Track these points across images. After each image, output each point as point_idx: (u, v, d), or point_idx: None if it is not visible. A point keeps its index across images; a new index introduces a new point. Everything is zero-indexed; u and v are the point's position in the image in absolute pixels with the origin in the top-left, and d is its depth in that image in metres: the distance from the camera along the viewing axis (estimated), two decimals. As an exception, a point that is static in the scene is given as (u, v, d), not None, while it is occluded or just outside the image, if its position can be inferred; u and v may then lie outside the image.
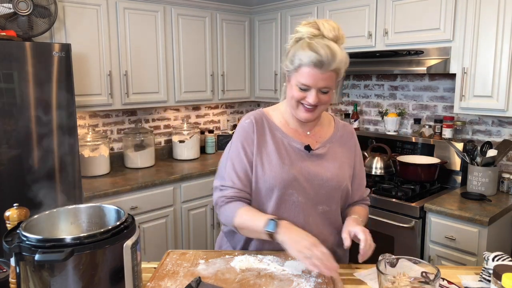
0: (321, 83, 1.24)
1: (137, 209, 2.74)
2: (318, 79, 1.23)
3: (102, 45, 2.80)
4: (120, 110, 3.28)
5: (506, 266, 1.03)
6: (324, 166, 1.36)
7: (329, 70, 1.22)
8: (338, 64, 1.23)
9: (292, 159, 1.34)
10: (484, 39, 2.26)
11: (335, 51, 1.22)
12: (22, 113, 2.21)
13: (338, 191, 1.38)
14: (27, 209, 1.13)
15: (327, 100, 1.29)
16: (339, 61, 1.22)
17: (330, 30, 1.24)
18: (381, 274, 0.98)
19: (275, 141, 1.36)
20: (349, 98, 3.45)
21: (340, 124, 1.49)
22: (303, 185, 1.33)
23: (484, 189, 2.39)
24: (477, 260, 2.11)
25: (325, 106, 1.31)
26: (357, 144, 1.49)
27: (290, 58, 1.27)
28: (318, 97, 1.26)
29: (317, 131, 1.43)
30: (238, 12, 3.59)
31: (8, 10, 2.29)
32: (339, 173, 1.37)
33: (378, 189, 2.54)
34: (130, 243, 0.95)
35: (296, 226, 1.26)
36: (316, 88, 1.25)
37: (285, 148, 1.36)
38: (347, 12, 2.93)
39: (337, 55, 1.22)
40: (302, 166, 1.34)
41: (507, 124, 2.56)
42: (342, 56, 1.24)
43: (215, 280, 1.15)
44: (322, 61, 1.20)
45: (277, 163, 1.33)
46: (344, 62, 1.25)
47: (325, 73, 1.22)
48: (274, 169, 1.32)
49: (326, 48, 1.21)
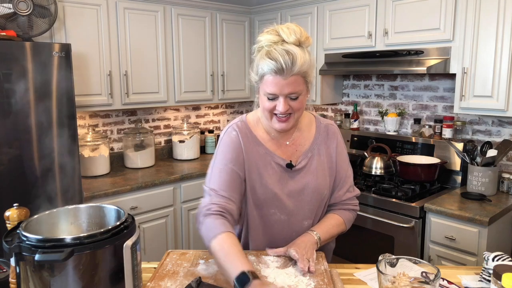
0: (287, 89, 1.21)
1: (137, 209, 2.74)
2: (282, 86, 1.20)
3: (102, 45, 2.80)
4: (120, 110, 3.28)
5: (506, 266, 1.03)
6: (306, 181, 1.35)
7: (292, 75, 1.19)
8: (301, 68, 1.19)
9: (274, 178, 1.33)
10: (484, 39, 2.26)
11: (295, 55, 1.18)
12: (22, 113, 2.21)
13: (322, 202, 1.39)
14: (27, 209, 1.13)
15: (299, 106, 1.26)
16: (300, 64, 1.19)
17: (290, 34, 1.21)
18: (381, 274, 0.98)
19: (259, 158, 1.33)
20: (349, 98, 3.45)
21: (322, 126, 1.44)
22: (285, 203, 1.34)
23: (484, 189, 2.39)
24: (477, 260, 2.11)
25: (299, 112, 1.28)
26: (339, 144, 1.45)
27: (255, 69, 1.26)
28: (288, 104, 1.23)
29: (297, 138, 1.39)
30: (238, 12, 3.59)
31: (8, 10, 2.29)
32: (321, 182, 1.37)
33: (378, 189, 2.54)
34: (130, 243, 0.95)
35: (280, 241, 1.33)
36: (283, 96, 1.22)
37: (270, 165, 1.34)
38: (347, 12, 2.93)
39: (297, 59, 1.18)
40: (284, 184, 1.34)
41: (507, 124, 2.56)
42: (305, 58, 1.20)
43: (215, 280, 1.15)
44: (281, 68, 1.18)
45: (262, 181, 1.32)
46: (308, 64, 1.21)
47: (287, 78, 1.19)
48: (260, 187, 1.32)
49: (285, 54, 1.18)
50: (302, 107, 1.28)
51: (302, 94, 1.24)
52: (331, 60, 3.07)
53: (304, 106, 1.29)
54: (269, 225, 1.36)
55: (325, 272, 1.19)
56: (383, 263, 1.03)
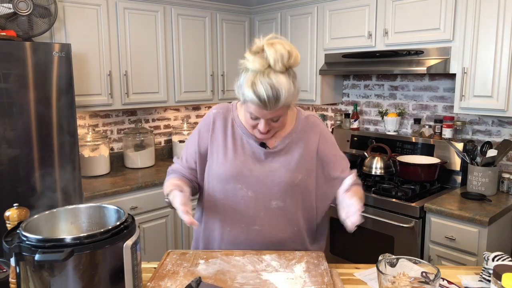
0: (269, 116, 1.25)
1: (137, 209, 2.74)
2: (264, 114, 1.25)
3: (102, 45, 2.80)
4: (120, 110, 3.28)
5: (506, 266, 1.03)
6: (279, 163, 1.37)
7: (275, 110, 1.22)
8: (285, 102, 1.21)
9: (246, 156, 1.38)
10: (484, 39, 2.26)
11: (280, 91, 1.17)
12: (22, 113, 2.21)
13: (292, 186, 1.37)
14: (27, 209, 1.13)
15: (280, 125, 1.33)
16: (284, 99, 1.20)
17: (277, 60, 1.17)
18: (381, 274, 0.98)
19: (234, 137, 1.40)
20: (349, 98, 3.45)
21: (302, 117, 1.46)
22: (254, 181, 1.36)
23: (484, 189, 2.39)
24: (477, 260, 2.11)
25: (280, 128, 1.35)
26: (323, 133, 1.45)
27: (239, 87, 1.26)
28: (269, 125, 1.29)
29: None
30: (238, 12, 3.59)
31: (8, 10, 2.29)
32: (294, 168, 1.37)
33: (378, 189, 2.54)
34: (130, 243, 0.95)
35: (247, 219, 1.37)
36: (265, 119, 1.26)
37: (242, 145, 1.39)
38: (347, 12, 2.93)
39: (281, 95, 1.18)
40: (256, 163, 1.37)
41: (507, 124, 2.56)
42: (290, 91, 1.20)
43: (215, 280, 1.15)
44: (265, 104, 1.19)
45: (229, 157, 1.38)
46: (292, 94, 1.22)
47: (270, 111, 1.23)
48: (225, 163, 1.38)
49: (270, 90, 1.17)
50: (283, 125, 1.36)
51: (284, 116, 1.31)
52: (331, 60, 3.07)
53: (285, 123, 1.37)
54: (235, 200, 1.38)
55: (325, 272, 1.19)
56: (383, 263, 1.03)
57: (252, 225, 1.38)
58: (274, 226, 1.38)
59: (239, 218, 1.39)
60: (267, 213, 1.37)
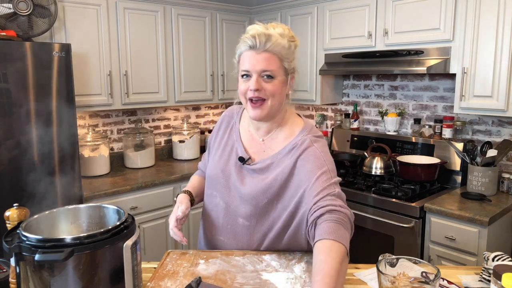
0: (259, 66, 1.21)
1: (137, 209, 2.74)
2: (255, 61, 1.21)
3: (102, 45, 2.80)
4: (120, 110, 3.28)
5: (506, 266, 1.03)
6: (253, 182, 1.30)
7: (265, 51, 1.20)
8: (275, 46, 1.21)
9: (230, 164, 1.36)
10: (484, 39, 2.26)
11: (271, 34, 1.21)
12: (22, 113, 2.21)
13: (256, 209, 1.28)
14: (27, 209, 1.13)
15: (273, 90, 1.22)
16: (274, 42, 1.21)
17: (276, 27, 1.25)
18: (381, 274, 0.98)
19: (228, 142, 1.40)
20: (349, 98, 3.45)
21: (298, 139, 1.29)
22: (227, 193, 1.34)
23: (484, 189, 2.39)
24: (477, 260, 2.11)
25: (274, 99, 1.23)
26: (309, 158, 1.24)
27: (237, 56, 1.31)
28: (260, 84, 1.21)
29: (270, 141, 1.34)
30: (238, 12, 3.59)
31: (8, 10, 2.29)
32: (266, 190, 1.26)
33: (378, 189, 2.54)
34: (130, 243, 0.95)
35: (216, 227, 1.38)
36: (256, 73, 1.21)
37: (229, 152, 1.38)
38: (347, 12, 2.93)
39: (271, 36, 1.21)
40: (233, 175, 1.34)
41: (507, 124, 2.55)
42: (282, 42, 1.22)
43: (215, 280, 1.15)
44: (255, 42, 1.21)
45: (215, 162, 1.38)
46: (282, 46, 1.22)
47: (260, 53, 1.21)
48: (212, 166, 1.40)
49: (261, 32, 1.21)
50: (276, 93, 1.23)
51: (277, 78, 1.23)
52: (331, 60, 3.07)
53: (280, 95, 1.25)
54: (210, 206, 1.40)
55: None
56: (383, 263, 1.03)
57: (218, 235, 1.37)
58: (238, 242, 1.34)
59: (209, 225, 1.40)
60: (234, 228, 1.34)
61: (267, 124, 1.33)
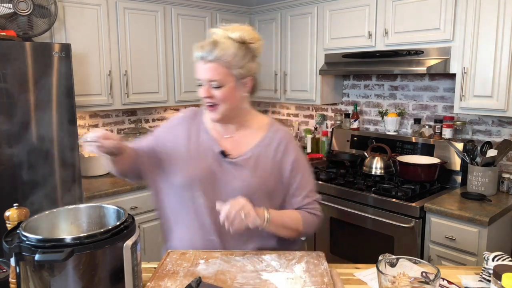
0: (205, 75, 1.25)
1: (137, 209, 2.74)
2: (203, 71, 1.26)
3: (102, 45, 2.80)
4: (120, 110, 3.28)
5: (506, 266, 1.03)
6: (237, 175, 1.33)
7: (210, 61, 1.24)
8: (221, 55, 1.23)
9: (208, 163, 1.35)
10: (484, 39, 2.26)
11: (219, 42, 1.24)
12: (22, 113, 2.21)
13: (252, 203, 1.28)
14: (27, 209, 1.13)
15: (222, 97, 1.27)
16: (220, 51, 1.22)
17: (233, 31, 1.28)
18: (381, 274, 0.98)
19: (199, 142, 1.38)
20: (349, 98, 3.45)
21: (273, 130, 1.41)
22: (212, 190, 1.33)
23: (484, 189, 2.39)
24: (477, 260, 2.11)
25: (225, 104, 1.29)
26: (291, 151, 1.39)
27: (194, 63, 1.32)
28: (209, 91, 1.27)
29: (242, 137, 1.39)
30: (238, 12, 3.59)
31: (8, 10, 2.29)
32: (252, 183, 1.32)
33: (378, 189, 2.54)
34: (130, 243, 0.95)
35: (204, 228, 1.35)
36: (206, 82, 1.26)
37: (204, 151, 1.36)
38: (347, 12, 2.93)
39: (218, 45, 1.23)
40: (216, 172, 1.34)
41: (507, 124, 2.56)
42: (231, 49, 1.24)
43: (215, 280, 1.15)
44: (203, 53, 1.24)
45: (192, 163, 1.35)
46: (230, 54, 1.24)
47: (206, 64, 1.25)
48: (187, 168, 1.35)
49: (210, 42, 1.25)
50: (227, 99, 1.29)
51: (226, 86, 1.27)
52: (331, 60, 3.07)
53: (232, 100, 1.30)
54: (194, 208, 1.36)
55: (325, 272, 1.19)
56: (383, 263, 1.03)
57: (208, 235, 1.36)
58: (232, 236, 1.32)
59: (197, 226, 1.36)
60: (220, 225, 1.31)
61: (233, 124, 1.39)
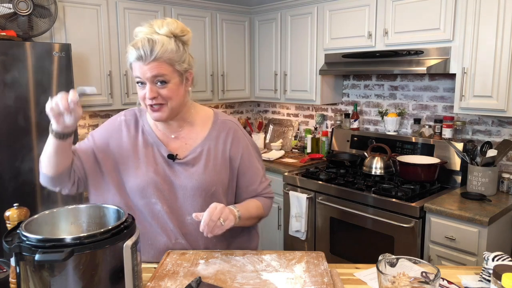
0: (149, 73, 1.21)
1: (137, 209, 2.73)
2: (144, 70, 1.21)
3: (102, 45, 2.80)
4: (120, 110, 3.27)
5: (506, 266, 1.03)
6: (189, 175, 1.32)
7: (152, 61, 1.20)
8: (162, 53, 1.20)
9: (158, 167, 1.32)
10: (484, 39, 2.26)
11: (156, 42, 1.20)
12: (22, 113, 2.21)
13: (205, 198, 1.32)
14: (27, 209, 1.13)
15: (169, 95, 1.24)
16: (160, 49, 1.20)
17: (162, 25, 1.23)
18: (381, 274, 0.98)
19: (144, 146, 1.34)
20: (349, 98, 3.45)
21: (219, 122, 1.41)
22: (167, 195, 1.31)
23: (484, 189, 2.39)
24: (477, 260, 2.11)
25: (173, 102, 1.26)
26: (240, 140, 1.40)
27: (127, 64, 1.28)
28: (155, 91, 1.23)
29: (188, 133, 1.38)
30: (238, 12, 3.59)
31: (8, 10, 2.29)
32: (206, 179, 1.32)
33: (378, 189, 2.54)
34: (130, 243, 0.95)
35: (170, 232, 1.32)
36: (149, 80, 1.22)
37: (155, 155, 1.33)
38: (347, 12, 2.93)
39: (156, 44, 1.20)
40: (167, 175, 1.32)
41: (507, 124, 2.56)
42: (170, 46, 1.21)
43: (215, 280, 1.15)
44: (140, 54, 1.20)
45: (142, 170, 1.31)
46: (170, 50, 1.21)
47: (148, 64, 1.20)
48: (139, 175, 1.31)
49: (146, 42, 1.20)
50: (173, 96, 1.26)
51: (171, 82, 1.24)
52: (331, 60, 3.07)
53: (178, 96, 1.27)
54: (152, 215, 1.33)
55: (325, 272, 1.19)
56: (383, 263, 1.03)
57: (175, 239, 1.34)
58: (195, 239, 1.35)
59: (161, 232, 1.34)
60: (187, 228, 1.33)
61: (176, 121, 1.36)
